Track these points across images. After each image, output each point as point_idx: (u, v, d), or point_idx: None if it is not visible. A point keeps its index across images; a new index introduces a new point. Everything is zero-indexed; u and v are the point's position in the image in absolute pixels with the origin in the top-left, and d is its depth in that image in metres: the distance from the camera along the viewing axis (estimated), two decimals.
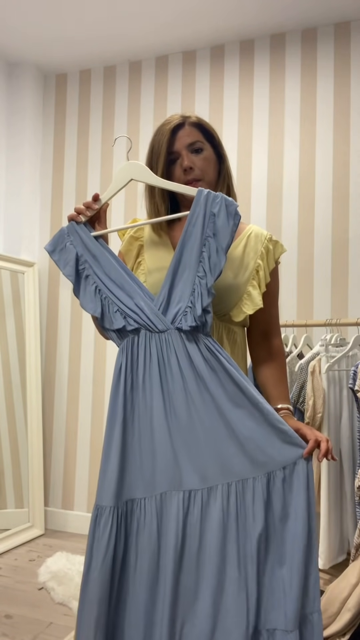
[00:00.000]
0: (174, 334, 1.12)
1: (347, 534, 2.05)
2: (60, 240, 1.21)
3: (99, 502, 1.11)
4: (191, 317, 1.11)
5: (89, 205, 1.20)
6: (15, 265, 3.13)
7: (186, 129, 1.25)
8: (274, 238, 1.31)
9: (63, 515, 3.15)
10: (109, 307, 1.16)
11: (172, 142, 1.24)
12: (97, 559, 1.07)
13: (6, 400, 3.01)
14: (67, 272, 1.19)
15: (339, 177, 2.71)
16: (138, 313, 1.14)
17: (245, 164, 2.89)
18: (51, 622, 2.08)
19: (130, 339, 1.15)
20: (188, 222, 1.15)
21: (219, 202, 1.13)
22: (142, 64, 3.17)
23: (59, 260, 1.20)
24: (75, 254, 1.19)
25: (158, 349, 1.13)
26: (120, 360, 1.16)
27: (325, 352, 2.05)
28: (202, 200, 1.14)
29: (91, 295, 1.17)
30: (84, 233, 1.20)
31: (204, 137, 1.26)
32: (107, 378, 3.12)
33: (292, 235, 2.77)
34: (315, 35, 2.80)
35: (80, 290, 1.19)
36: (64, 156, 3.33)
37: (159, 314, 1.14)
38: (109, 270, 1.17)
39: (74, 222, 1.21)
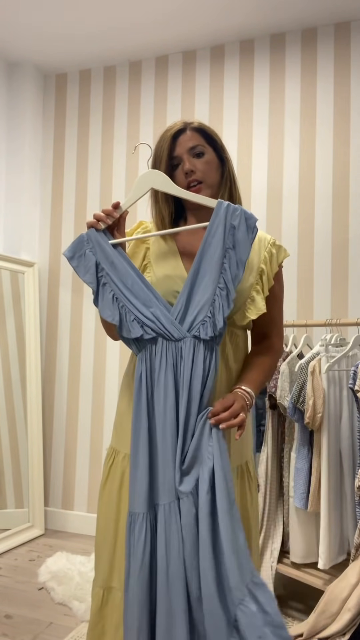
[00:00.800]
0: (190, 342, 1.14)
1: (347, 534, 2.05)
2: (80, 247, 1.21)
3: (131, 509, 1.12)
4: (211, 327, 1.13)
5: (109, 213, 1.20)
6: (15, 265, 3.13)
7: (187, 133, 1.26)
8: (277, 242, 1.32)
9: (63, 515, 3.15)
10: (126, 315, 1.17)
11: (173, 147, 1.25)
12: (135, 567, 1.09)
13: (6, 400, 3.01)
14: (89, 280, 1.19)
15: (339, 177, 2.71)
16: (155, 322, 1.15)
17: (245, 164, 2.89)
18: (51, 622, 2.08)
19: (148, 347, 1.16)
20: (207, 233, 1.16)
21: (238, 214, 1.15)
22: (142, 64, 3.17)
23: (78, 267, 1.20)
24: (94, 261, 1.19)
25: (173, 356, 1.14)
26: (140, 368, 1.16)
27: (325, 352, 2.05)
28: (222, 212, 1.16)
29: (109, 303, 1.17)
30: (103, 240, 1.20)
31: (205, 141, 1.27)
32: (107, 378, 3.12)
33: (292, 235, 2.77)
34: (315, 35, 2.80)
35: (99, 297, 1.19)
36: (63, 156, 3.33)
37: (175, 323, 1.15)
38: (126, 278, 1.18)
39: (93, 229, 1.21)
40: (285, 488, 2.22)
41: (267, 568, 2.14)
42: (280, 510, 2.24)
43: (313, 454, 2.06)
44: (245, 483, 1.27)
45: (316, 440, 2.05)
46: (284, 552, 2.23)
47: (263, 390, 2.30)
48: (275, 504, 2.24)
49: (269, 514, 2.21)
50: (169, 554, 1.07)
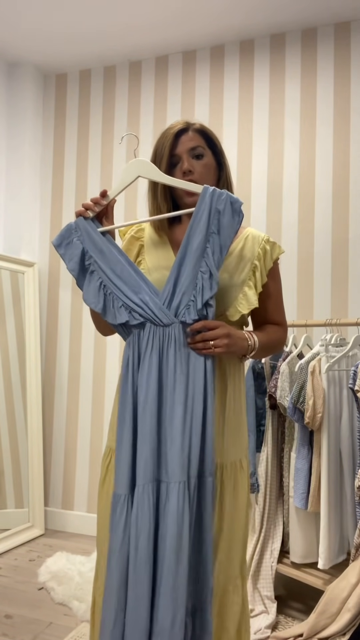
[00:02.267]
0: (177, 327, 1.15)
1: (347, 534, 2.05)
2: (67, 235, 1.22)
3: (114, 490, 1.14)
4: (194, 310, 1.14)
5: (97, 201, 1.22)
6: (15, 265, 3.13)
7: (189, 134, 1.27)
8: (271, 239, 1.33)
9: (63, 515, 3.15)
10: (113, 302, 1.18)
11: (174, 145, 1.27)
12: (116, 546, 1.11)
13: (6, 400, 3.01)
14: (71, 267, 1.20)
15: (339, 177, 2.71)
16: (143, 307, 1.16)
17: (245, 164, 2.89)
18: (51, 622, 2.08)
19: (136, 333, 1.17)
20: (193, 218, 1.17)
21: (224, 199, 1.16)
22: (142, 64, 3.17)
23: (64, 254, 1.21)
24: (81, 249, 1.20)
25: (160, 341, 1.15)
26: (127, 353, 1.17)
27: (325, 352, 2.05)
28: (208, 197, 1.17)
29: (95, 290, 1.19)
30: (92, 228, 1.21)
31: (206, 143, 1.29)
32: (107, 378, 3.12)
33: (292, 235, 2.77)
34: (315, 35, 2.80)
35: (84, 284, 1.20)
36: (63, 156, 3.33)
37: (164, 308, 1.16)
38: (115, 265, 1.19)
39: (81, 218, 1.22)
40: (285, 488, 2.22)
41: (267, 568, 2.14)
42: (280, 510, 2.24)
43: (313, 454, 2.06)
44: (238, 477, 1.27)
45: (316, 440, 2.05)
46: (284, 552, 2.23)
47: (263, 390, 2.30)
48: (275, 504, 2.24)
49: (269, 514, 2.21)
50: (137, 535, 1.08)
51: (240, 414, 1.30)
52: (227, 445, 1.25)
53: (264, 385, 2.30)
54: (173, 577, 1.05)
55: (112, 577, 1.10)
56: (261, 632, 1.91)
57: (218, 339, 1.14)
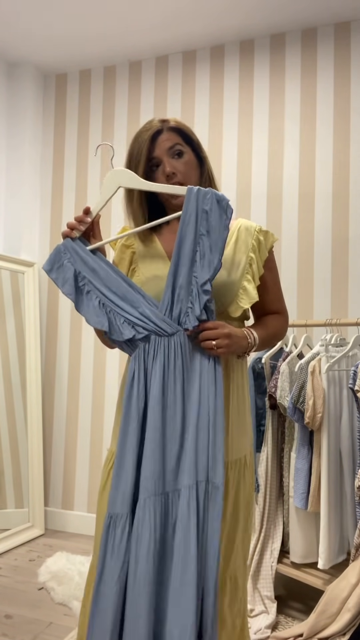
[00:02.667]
0: (182, 336, 1.15)
1: (347, 534, 2.05)
2: (57, 258, 1.19)
3: (111, 510, 1.11)
4: (193, 317, 1.13)
5: (81, 219, 1.20)
6: (15, 265, 3.13)
7: (165, 134, 1.25)
8: (263, 229, 1.32)
9: (63, 515, 3.15)
10: (115, 319, 1.16)
11: (152, 148, 1.24)
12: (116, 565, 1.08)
13: (6, 400, 3.01)
14: (66, 291, 1.17)
15: (339, 177, 2.71)
16: (145, 321, 1.15)
17: (245, 164, 2.89)
18: (51, 622, 2.08)
19: (142, 347, 1.16)
20: (181, 223, 1.15)
21: (209, 197, 1.13)
22: (142, 64, 3.17)
23: (57, 279, 1.19)
24: (73, 272, 1.17)
25: (165, 351, 1.14)
26: (133, 367, 1.15)
27: (325, 352, 2.05)
28: (193, 198, 1.14)
29: (96, 309, 1.17)
30: (80, 248, 1.19)
31: (183, 140, 1.27)
32: (107, 378, 3.12)
33: (292, 235, 2.77)
34: (315, 35, 2.80)
35: (82, 306, 1.18)
36: (63, 156, 3.33)
37: (166, 318, 1.15)
38: (110, 282, 1.17)
39: (69, 239, 1.19)
40: (285, 488, 2.22)
41: (267, 568, 2.14)
42: (280, 510, 2.24)
43: (313, 454, 2.06)
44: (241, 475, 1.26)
45: (316, 440, 2.05)
46: (284, 552, 2.23)
47: (263, 390, 2.30)
48: (275, 504, 2.24)
49: (269, 514, 2.21)
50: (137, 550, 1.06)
51: (244, 412, 1.29)
52: (232, 442, 1.24)
53: (264, 385, 2.30)
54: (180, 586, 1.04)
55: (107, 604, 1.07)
56: (261, 632, 1.91)
57: (219, 338, 1.13)
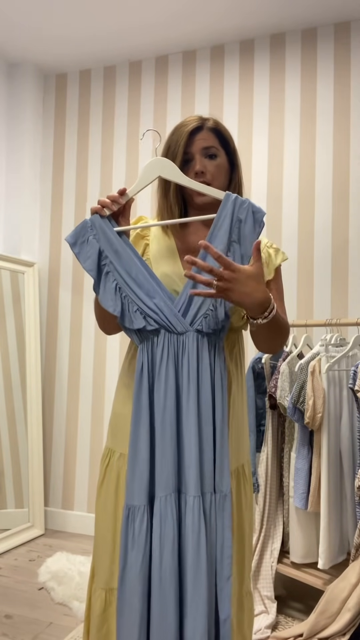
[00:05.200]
0: (192, 336, 1.13)
1: (347, 534, 2.05)
2: (83, 233, 1.16)
3: (129, 502, 1.11)
4: (213, 320, 1.12)
5: (114, 199, 1.17)
6: (15, 265, 3.13)
7: (203, 132, 1.24)
8: (274, 246, 1.31)
9: (63, 515, 3.15)
10: (129, 306, 1.15)
11: (188, 143, 1.24)
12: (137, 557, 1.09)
13: (6, 400, 3.01)
14: (88, 267, 1.15)
15: (339, 177, 2.71)
16: (158, 313, 1.14)
17: (245, 164, 2.89)
18: (51, 622, 2.08)
19: (151, 339, 1.15)
20: (214, 225, 1.15)
21: (246, 207, 1.13)
22: (142, 64, 3.17)
23: (79, 253, 1.16)
24: (98, 249, 1.15)
25: (175, 350, 1.13)
26: (142, 360, 1.15)
27: (325, 352, 2.05)
28: (230, 204, 1.14)
29: (111, 293, 1.15)
30: (108, 227, 1.16)
31: (219, 143, 1.26)
32: (107, 378, 3.12)
33: (292, 234, 2.77)
34: (315, 35, 2.80)
35: (100, 286, 1.16)
36: (64, 156, 3.33)
37: (179, 316, 1.14)
38: (130, 267, 1.15)
39: (97, 215, 1.17)
40: (285, 488, 2.22)
41: (267, 568, 2.14)
42: (280, 510, 2.24)
43: (313, 454, 2.06)
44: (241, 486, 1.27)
45: (316, 440, 2.05)
46: (284, 552, 2.23)
47: (263, 390, 2.30)
48: (275, 504, 2.24)
49: (269, 514, 2.21)
50: (162, 546, 1.07)
51: (242, 419, 1.29)
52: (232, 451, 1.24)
53: (264, 385, 2.30)
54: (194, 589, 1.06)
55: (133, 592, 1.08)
56: (261, 632, 1.91)
57: (223, 279, 1.02)
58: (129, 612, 1.08)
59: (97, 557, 1.26)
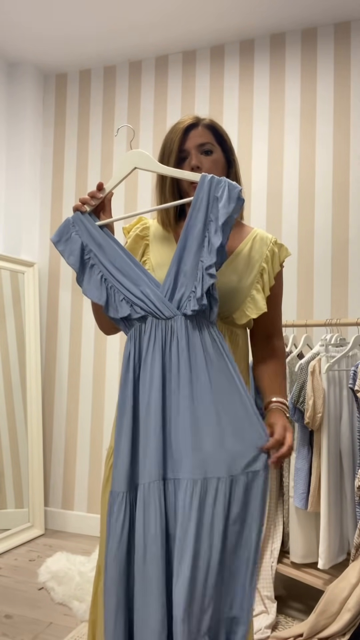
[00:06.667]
0: (180, 320, 1.13)
1: (347, 534, 2.05)
2: (66, 231, 1.21)
3: (112, 487, 1.12)
4: (194, 301, 1.11)
5: (93, 195, 1.21)
6: (15, 265, 3.13)
7: (199, 129, 1.26)
8: (278, 242, 1.32)
9: (63, 515, 3.15)
10: (114, 295, 1.17)
11: (183, 140, 1.25)
12: (113, 546, 1.09)
13: (6, 400, 3.01)
14: (71, 262, 1.19)
15: (339, 177, 2.71)
16: (144, 300, 1.14)
17: (245, 164, 2.89)
18: (51, 622, 2.08)
19: (138, 326, 1.16)
20: (192, 208, 1.15)
21: (222, 186, 1.14)
22: (142, 64, 3.17)
23: (64, 251, 1.21)
24: (80, 244, 1.19)
25: (162, 335, 1.13)
26: (129, 348, 1.16)
27: (325, 352, 2.05)
28: (206, 185, 1.15)
29: (96, 283, 1.18)
30: (89, 222, 1.20)
31: (215, 140, 1.27)
32: (107, 378, 3.12)
33: (292, 235, 2.77)
34: (315, 35, 2.80)
35: (84, 279, 1.19)
36: (64, 156, 3.33)
37: (165, 301, 1.14)
38: (115, 259, 1.18)
39: (79, 212, 1.21)
40: (285, 488, 2.22)
41: (267, 568, 2.14)
42: (280, 510, 2.24)
43: (313, 454, 2.06)
44: None
45: (316, 440, 2.05)
46: (284, 552, 2.23)
47: None
48: (275, 504, 2.24)
49: (269, 514, 2.21)
50: (146, 533, 1.06)
51: None
52: None
53: None
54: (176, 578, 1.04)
55: (111, 577, 1.08)
56: (261, 632, 1.91)
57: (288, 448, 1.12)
58: (109, 597, 1.08)
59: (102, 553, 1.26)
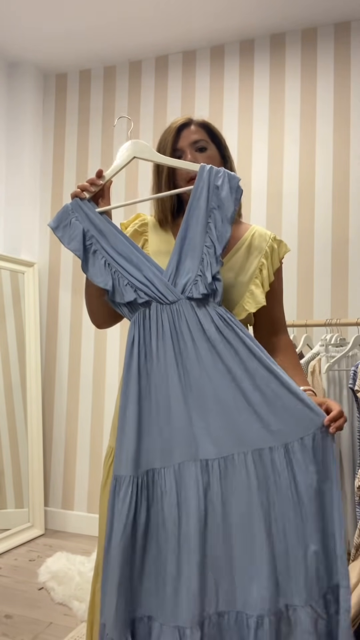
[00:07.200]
0: (185, 304, 1.14)
1: (347, 534, 2.05)
2: (65, 217, 1.20)
3: (117, 472, 1.11)
4: (202, 285, 1.12)
5: (92, 182, 1.21)
6: (15, 265, 3.13)
7: (192, 128, 1.28)
8: (277, 238, 1.33)
9: (63, 515, 3.15)
10: (119, 280, 1.17)
11: (177, 139, 1.27)
12: (118, 528, 1.07)
13: (6, 400, 3.01)
14: (73, 247, 1.18)
15: (339, 177, 2.71)
16: (148, 285, 1.15)
17: (245, 163, 2.89)
18: (51, 622, 2.08)
19: (142, 311, 1.16)
20: (192, 197, 1.17)
21: (221, 175, 1.16)
22: (142, 64, 3.17)
23: (63, 237, 1.19)
24: (81, 229, 1.18)
25: (170, 320, 1.14)
26: (133, 332, 1.16)
27: (325, 352, 2.05)
28: (205, 175, 1.17)
29: (101, 269, 1.17)
30: (89, 209, 1.20)
31: (209, 137, 1.29)
32: (107, 378, 3.12)
33: (292, 234, 2.77)
34: (315, 35, 2.80)
35: (88, 265, 1.18)
36: (64, 156, 3.33)
37: (169, 285, 1.14)
38: (116, 244, 1.18)
39: (77, 199, 1.20)
40: None
41: None
42: None
43: None
44: None
45: None
46: None
47: None
48: None
49: None
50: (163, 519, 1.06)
51: None
52: None
53: None
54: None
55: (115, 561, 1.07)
56: None
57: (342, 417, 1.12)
58: (111, 579, 1.07)
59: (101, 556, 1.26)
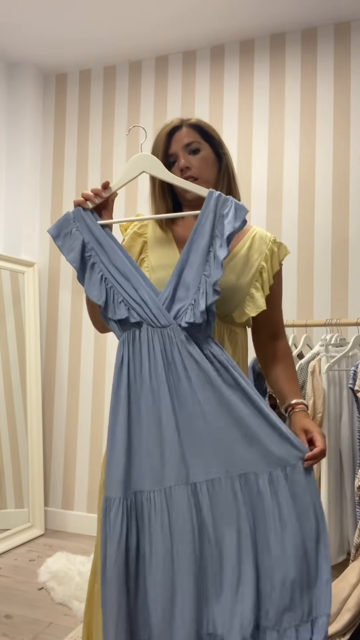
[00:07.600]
0: (176, 331, 1.12)
1: (347, 534, 2.05)
2: (65, 225, 1.18)
3: (107, 494, 1.11)
4: (191, 313, 1.11)
5: (97, 193, 1.18)
6: (15, 265, 3.13)
7: (183, 130, 1.26)
8: (277, 240, 1.32)
9: (63, 515, 3.15)
10: (113, 296, 1.15)
11: (169, 144, 1.25)
12: (111, 551, 1.07)
13: (6, 400, 3.01)
14: (72, 259, 1.16)
15: (339, 177, 2.71)
16: (142, 306, 1.14)
17: (245, 163, 2.89)
18: (51, 622, 2.08)
19: (132, 331, 1.15)
20: (198, 223, 1.15)
21: (229, 204, 1.14)
22: (142, 64, 3.17)
23: (62, 246, 1.17)
24: (81, 241, 1.16)
25: (161, 343, 1.12)
26: (122, 352, 1.15)
27: (325, 352, 2.05)
28: (213, 202, 1.15)
29: (96, 283, 1.16)
30: (91, 220, 1.17)
31: (201, 137, 1.27)
32: (107, 378, 3.12)
33: (292, 235, 2.77)
34: (315, 35, 2.80)
35: (85, 277, 1.17)
36: (64, 156, 3.33)
37: (163, 309, 1.13)
38: (115, 259, 1.16)
39: (80, 208, 1.18)
40: None
41: None
42: None
43: None
44: None
45: None
46: None
47: (263, 390, 2.30)
48: None
49: None
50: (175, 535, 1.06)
51: None
52: None
53: (264, 386, 2.30)
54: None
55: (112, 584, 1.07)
56: None
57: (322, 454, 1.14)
58: (110, 604, 1.07)
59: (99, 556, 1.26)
